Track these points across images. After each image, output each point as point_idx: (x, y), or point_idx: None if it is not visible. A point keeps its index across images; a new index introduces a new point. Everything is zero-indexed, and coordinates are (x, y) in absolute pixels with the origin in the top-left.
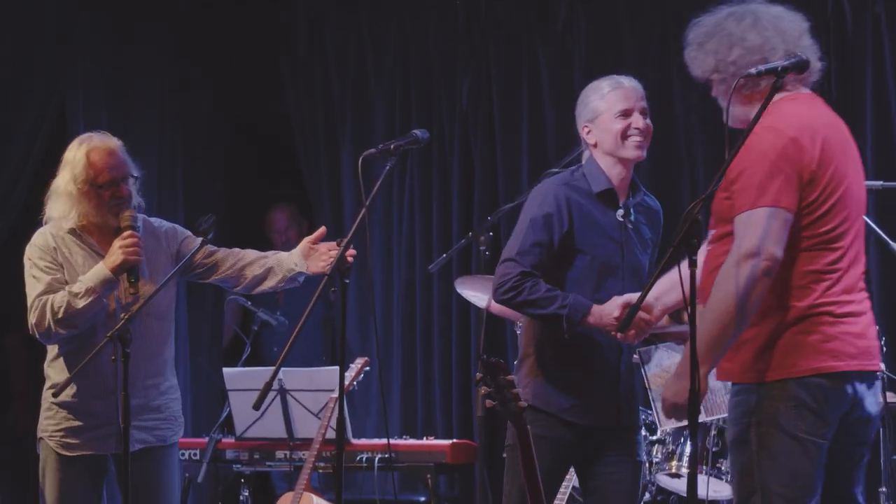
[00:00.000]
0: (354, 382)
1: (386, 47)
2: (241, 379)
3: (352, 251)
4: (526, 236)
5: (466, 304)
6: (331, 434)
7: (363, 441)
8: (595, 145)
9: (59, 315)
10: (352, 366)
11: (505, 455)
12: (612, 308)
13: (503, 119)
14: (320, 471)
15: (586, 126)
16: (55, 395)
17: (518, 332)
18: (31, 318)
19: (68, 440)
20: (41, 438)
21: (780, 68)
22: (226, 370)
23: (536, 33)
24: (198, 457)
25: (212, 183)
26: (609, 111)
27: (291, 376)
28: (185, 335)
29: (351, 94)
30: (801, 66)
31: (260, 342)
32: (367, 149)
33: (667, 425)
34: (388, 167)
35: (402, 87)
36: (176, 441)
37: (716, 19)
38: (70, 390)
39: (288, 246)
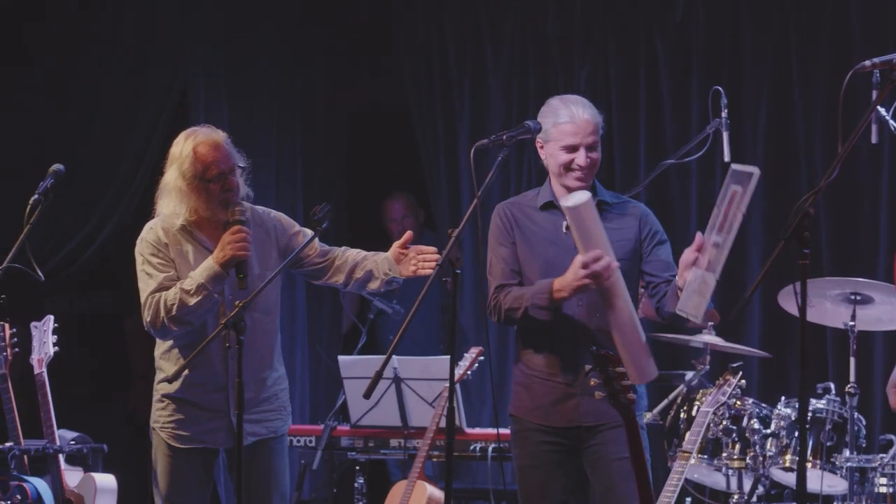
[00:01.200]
0: (469, 372)
1: (504, 35)
2: (356, 367)
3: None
4: (492, 256)
5: None
6: (445, 423)
7: (477, 430)
8: (545, 160)
9: (173, 312)
10: (466, 355)
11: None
12: (573, 269)
13: (620, 108)
14: (434, 459)
15: (539, 142)
16: (170, 381)
17: None
18: (146, 316)
19: (179, 432)
20: (153, 428)
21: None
22: (341, 358)
23: (655, 22)
24: (313, 444)
25: (330, 170)
26: (556, 142)
27: (406, 365)
28: (304, 322)
29: (469, 82)
30: None
31: (376, 330)
32: (485, 137)
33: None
34: (500, 158)
35: (520, 76)
36: (286, 431)
37: None
38: (180, 384)
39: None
